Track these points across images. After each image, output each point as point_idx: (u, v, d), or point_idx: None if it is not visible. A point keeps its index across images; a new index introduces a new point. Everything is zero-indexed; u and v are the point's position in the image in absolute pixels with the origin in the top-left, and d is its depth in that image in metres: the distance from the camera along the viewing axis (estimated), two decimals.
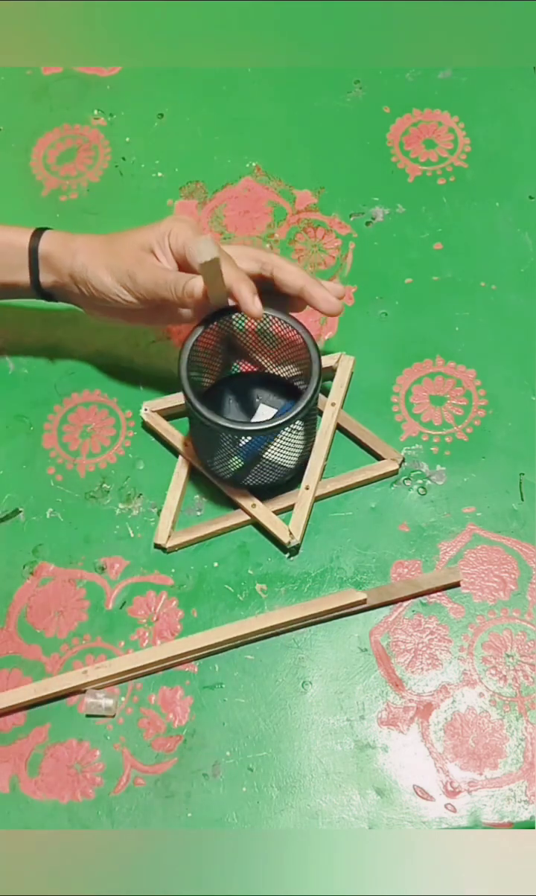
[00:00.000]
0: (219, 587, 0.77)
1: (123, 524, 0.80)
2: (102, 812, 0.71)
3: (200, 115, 0.99)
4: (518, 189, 0.92)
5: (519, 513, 0.78)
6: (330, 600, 0.74)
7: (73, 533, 0.80)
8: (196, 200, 0.94)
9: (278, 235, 0.92)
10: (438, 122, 0.96)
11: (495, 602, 0.75)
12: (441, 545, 0.78)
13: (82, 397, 0.86)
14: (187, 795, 0.71)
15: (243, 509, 0.78)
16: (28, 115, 1.00)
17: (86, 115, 1.00)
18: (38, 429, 0.85)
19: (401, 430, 0.82)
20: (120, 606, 0.77)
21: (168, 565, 0.79)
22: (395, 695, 0.73)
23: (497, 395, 0.83)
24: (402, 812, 0.69)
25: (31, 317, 0.90)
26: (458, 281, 0.88)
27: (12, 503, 0.82)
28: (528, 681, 0.73)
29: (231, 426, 0.70)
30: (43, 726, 0.74)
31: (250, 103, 0.99)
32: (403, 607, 0.76)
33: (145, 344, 0.88)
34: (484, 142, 0.94)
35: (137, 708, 0.74)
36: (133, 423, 0.84)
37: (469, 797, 0.69)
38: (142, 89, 1.01)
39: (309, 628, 0.75)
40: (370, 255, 0.90)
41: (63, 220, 0.94)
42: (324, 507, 0.79)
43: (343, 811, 0.70)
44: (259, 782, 0.71)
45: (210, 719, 0.73)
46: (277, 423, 0.69)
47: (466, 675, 0.73)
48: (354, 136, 0.96)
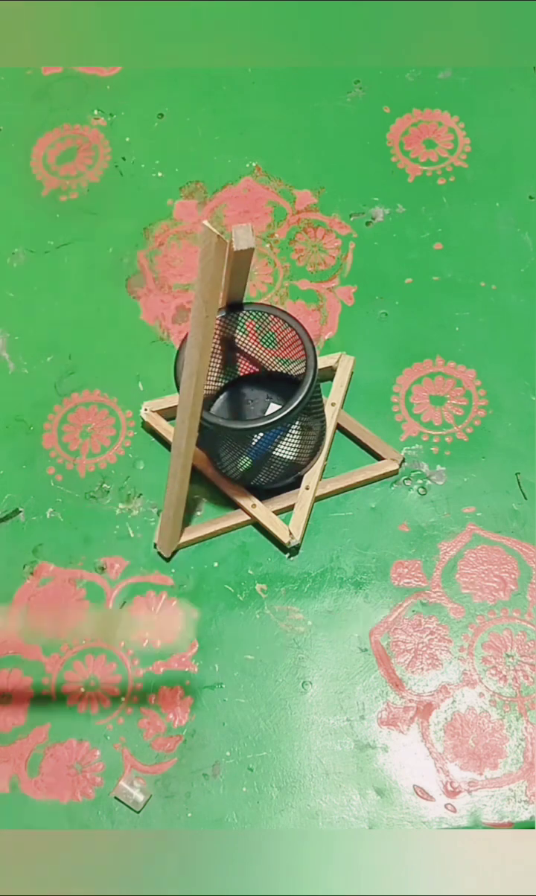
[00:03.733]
0: (219, 587, 0.77)
1: (123, 524, 0.80)
2: (102, 812, 0.71)
3: (200, 115, 0.99)
4: (518, 189, 0.92)
5: (519, 513, 0.78)
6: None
7: (73, 533, 0.80)
8: (196, 200, 0.94)
9: (278, 235, 0.92)
10: (438, 122, 0.96)
11: (495, 602, 0.75)
12: (441, 545, 0.78)
13: (82, 397, 0.86)
14: (187, 795, 0.71)
15: (243, 509, 0.78)
16: (28, 115, 1.00)
17: (86, 115, 1.00)
18: (38, 429, 0.85)
19: (401, 430, 0.82)
20: (120, 606, 0.77)
21: (168, 565, 0.79)
22: (395, 695, 0.73)
23: (497, 395, 0.83)
24: (402, 812, 0.69)
25: (31, 317, 0.90)
26: (458, 281, 0.88)
27: (12, 503, 0.82)
28: (528, 681, 0.73)
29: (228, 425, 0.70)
30: (43, 726, 0.74)
31: (250, 103, 0.99)
32: (403, 607, 0.76)
33: (145, 344, 0.88)
34: (484, 142, 0.94)
35: (137, 708, 0.74)
36: (133, 423, 0.84)
37: (469, 797, 0.69)
38: (142, 89, 1.01)
39: (310, 629, 0.75)
40: (370, 255, 0.90)
41: (63, 220, 0.94)
42: (324, 507, 0.79)
43: (343, 811, 0.70)
44: (259, 782, 0.71)
45: (210, 719, 0.73)
46: (273, 419, 0.69)
47: (466, 675, 0.73)
48: (354, 136, 0.96)
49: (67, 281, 0.91)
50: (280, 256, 0.90)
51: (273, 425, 0.69)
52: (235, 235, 0.64)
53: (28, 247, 0.93)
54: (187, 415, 0.67)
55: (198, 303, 0.61)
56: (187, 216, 0.93)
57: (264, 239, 0.92)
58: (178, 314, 0.89)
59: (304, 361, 0.72)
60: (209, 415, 0.69)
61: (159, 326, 0.88)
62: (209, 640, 0.76)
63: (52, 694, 0.75)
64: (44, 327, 0.89)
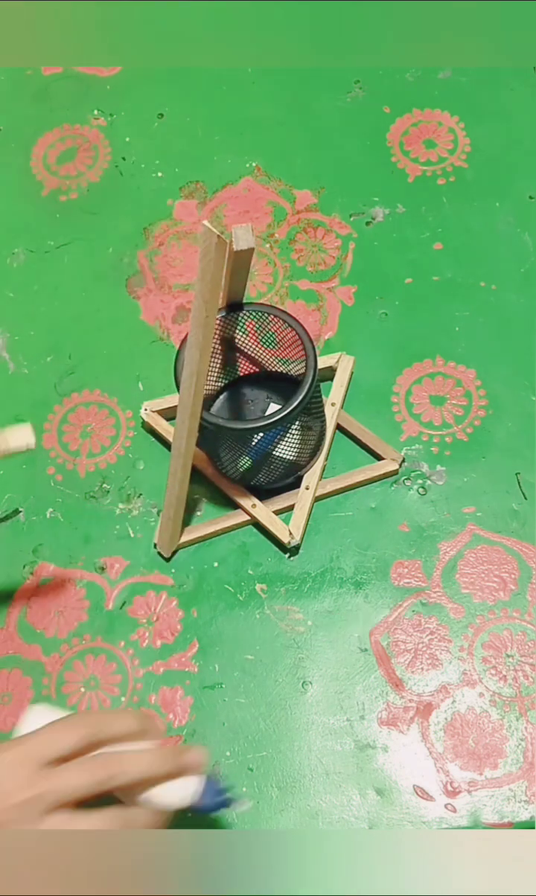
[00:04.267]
0: (219, 587, 0.77)
1: (123, 524, 0.80)
2: None
3: (200, 115, 0.99)
4: (518, 189, 0.92)
5: (519, 513, 0.78)
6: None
7: (73, 533, 0.80)
8: (196, 200, 0.94)
9: (278, 235, 0.92)
10: (438, 122, 0.96)
11: (495, 602, 0.75)
12: (441, 545, 0.78)
13: (82, 397, 0.86)
14: None
15: (243, 509, 0.78)
16: (28, 115, 1.00)
17: (86, 115, 1.00)
18: (38, 429, 0.85)
19: (401, 430, 0.82)
20: (120, 606, 0.77)
21: (168, 565, 0.79)
22: (395, 695, 0.73)
23: (497, 395, 0.83)
24: (402, 812, 0.69)
25: (31, 317, 0.90)
26: (458, 281, 0.88)
27: (12, 503, 0.82)
28: (528, 681, 0.73)
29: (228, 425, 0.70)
30: None
31: (250, 103, 0.99)
32: (403, 607, 0.76)
33: (145, 344, 0.88)
34: (484, 142, 0.94)
35: (137, 708, 0.74)
36: (133, 423, 0.84)
37: (469, 797, 0.69)
38: (142, 89, 1.01)
39: (310, 628, 0.75)
40: (370, 255, 0.90)
41: (63, 220, 0.94)
42: (324, 507, 0.79)
43: (343, 811, 0.70)
44: (259, 782, 0.71)
45: (210, 719, 0.73)
46: (273, 419, 0.69)
47: (466, 675, 0.73)
48: (354, 136, 0.96)
49: (67, 281, 0.91)
50: (280, 256, 0.90)
51: (273, 425, 0.69)
52: (235, 236, 0.64)
53: (28, 247, 0.93)
54: (187, 415, 0.67)
55: (198, 303, 0.61)
56: (187, 216, 0.93)
57: (264, 239, 0.92)
58: (178, 314, 0.89)
59: (304, 361, 0.72)
60: (209, 415, 0.69)
61: (159, 326, 0.88)
62: (209, 640, 0.76)
63: (52, 694, 0.75)
64: (44, 327, 0.89)
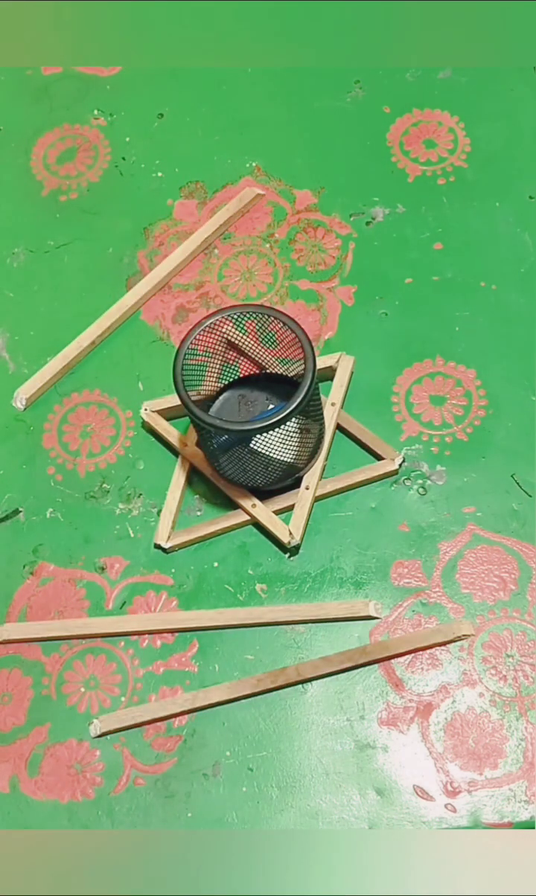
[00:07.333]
0: (219, 587, 0.77)
1: (123, 524, 0.80)
2: (102, 812, 0.71)
3: (200, 115, 0.99)
4: (518, 189, 0.92)
5: (519, 513, 0.78)
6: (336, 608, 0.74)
7: (73, 533, 0.80)
8: (196, 200, 0.94)
9: (278, 235, 0.92)
10: (438, 122, 0.96)
11: (495, 602, 0.75)
12: (441, 545, 0.78)
13: (82, 397, 0.86)
14: (187, 795, 0.71)
15: (243, 509, 0.78)
16: (28, 115, 1.00)
17: (86, 115, 1.00)
18: (38, 429, 0.85)
19: (401, 430, 0.82)
20: (120, 606, 0.77)
21: (168, 565, 0.79)
22: (395, 695, 0.73)
23: (497, 395, 0.83)
24: (402, 812, 0.69)
25: (31, 317, 0.90)
26: (458, 281, 0.88)
27: (12, 503, 0.82)
28: (528, 681, 0.73)
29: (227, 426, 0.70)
30: (43, 726, 0.74)
31: (250, 103, 0.99)
32: (403, 607, 0.76)
33: (145, 344, 0.88)
34: (484, 142, 0.94)
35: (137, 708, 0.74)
36: (133, 423, 0.84)
37: (469, 797, 0.69)
38: (142, 89, 1.01)
39: (309, 628, 0.75)
40: (370, 255, 0.90)
41: (63, 220, 0.94)
42: (324, 507, 0.79)
43: (343, 811, 0.70)
44: (259, 782, 0.71)
45: (210, 719, 0.73)
46: (272, 420, 0.69)
47: (466, 675, 0.73)
48: (354, 136, 0.96)
49: (67, 281, 0.91)
50: (280, 256, 0.90)
51: (273, 426, 0.69)
52: None
53: (28, 247, 0.93)
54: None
55: None
56: (187, 216, 0.93)
57: (264, 239, 0.92)
58: (178, 314, 0.89)
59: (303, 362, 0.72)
60: (209, 416, 0.69)
61: (159, 326, 0.88)
62: (209, 640, 0.76)
63: (52, 694, 0.75)
64: (44, 327, 0.89)
